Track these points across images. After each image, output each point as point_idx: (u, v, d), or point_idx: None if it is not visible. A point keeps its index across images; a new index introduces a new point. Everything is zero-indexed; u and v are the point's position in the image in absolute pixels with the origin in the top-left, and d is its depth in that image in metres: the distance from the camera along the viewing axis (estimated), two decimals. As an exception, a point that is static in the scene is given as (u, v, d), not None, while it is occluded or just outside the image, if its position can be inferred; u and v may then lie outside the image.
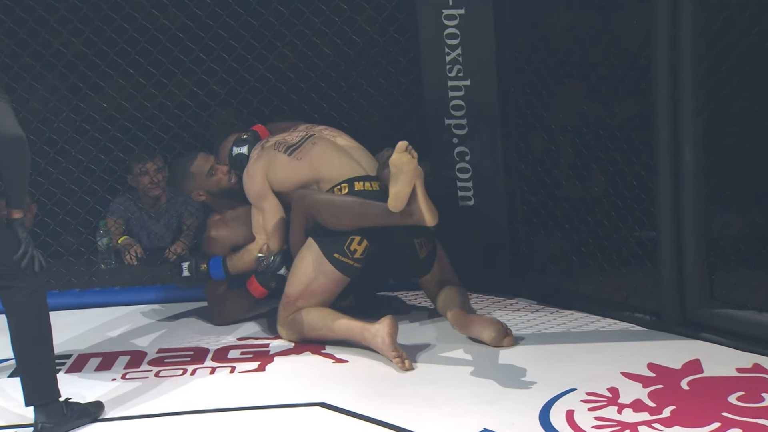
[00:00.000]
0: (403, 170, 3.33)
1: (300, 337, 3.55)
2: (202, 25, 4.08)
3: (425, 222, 3.40)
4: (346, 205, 3.51)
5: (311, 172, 3.63)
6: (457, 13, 3.75)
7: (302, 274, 3.53)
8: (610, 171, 3.71)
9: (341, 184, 3.60)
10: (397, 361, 3.33)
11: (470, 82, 3.80)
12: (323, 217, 3.52)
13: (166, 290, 4.06)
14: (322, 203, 3.53)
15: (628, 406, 2.96)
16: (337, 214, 3.50)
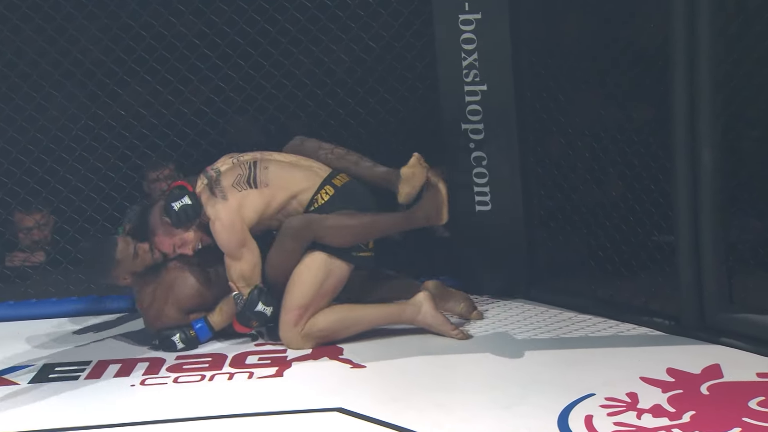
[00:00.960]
0: (415, 175, 3.48)
1: (322, 342, 3.54)
2: (219, 31, 4.10)
3: (441, 221, 3.49)
4: (355, 226, 3.50)
5: (283, 191, 3.57)
6: (474, 18, 3.75)
7: (310, 281, 3.50)
8: (628, 175, 3.70)
9: (324, 188, 3.58)
10: (457, 333, 3.50)
11: (487, 87, 3.80)
12: (333, 241, 3.50)
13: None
14: (332, 229, 3.49)
15: (648, 411, 2.94)
16: (348, 235, 3.50)
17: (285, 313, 3.52)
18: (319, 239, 3.51)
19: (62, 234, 4.21)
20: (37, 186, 4.17)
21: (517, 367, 3.32)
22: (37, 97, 4.13)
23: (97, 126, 4.22)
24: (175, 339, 3.61)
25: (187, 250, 3.61)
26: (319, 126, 4.22)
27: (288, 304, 3.52)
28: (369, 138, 4.23)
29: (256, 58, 4.14)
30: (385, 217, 3.52)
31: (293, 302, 3.51)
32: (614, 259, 3.75)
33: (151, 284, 3.67)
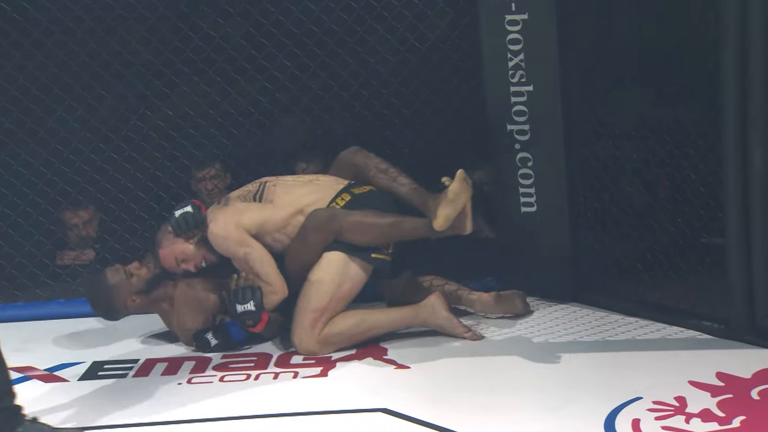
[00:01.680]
0: (459, 197, 3.40)
1: (341, 347, 3.52)
2: (266, 32, 4.12)
3: (465, 231, 3.45)
4: (380, 224, 3.49)
5: (288, 207, 3.57)
6: (520, 19, 3.73)
7: (327, 284, 3.47)
8: (676, 176, 3.66)
9: (341, 195, 3.57)
10: (470, 334, 3.51)
11: (533, 88, 3.77)
12: (355, 237, 3.48)
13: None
14: (356, 224, 3.48)
15: (696, 415, 2.91)
16: (371, 233, 3.48)
17: (301, 316, 3.49)
18: (341, 234, 3.48)
19: (111, 233, 4.27)
20: (88, 185, 4.23)
21: (562, 369, 3.30)
22: (88, 97, 4.19)
23: (146, 126, 4.27)
24: (208, 336, 3.61)
25: (189, 266, 3.62)
26: (363, 127, 4.23)
27: (304, 307, 3.48)
28: (414, 139, 4.23)
29: (302, 59, 4.15)
30: (410, 220, 3.50)
31: (309, 305, 3.47)
32: (662, 261, 3.70)
33: (164, 302, 3.68)
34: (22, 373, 3.52)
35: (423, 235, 3.49)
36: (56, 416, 3.17)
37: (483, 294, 3.76)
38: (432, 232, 3.45)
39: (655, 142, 3.68)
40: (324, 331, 3.49)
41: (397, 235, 3.52)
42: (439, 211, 3.40)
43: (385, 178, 3.62)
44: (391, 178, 3.62)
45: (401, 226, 3.50)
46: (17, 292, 4.16)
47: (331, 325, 3.49)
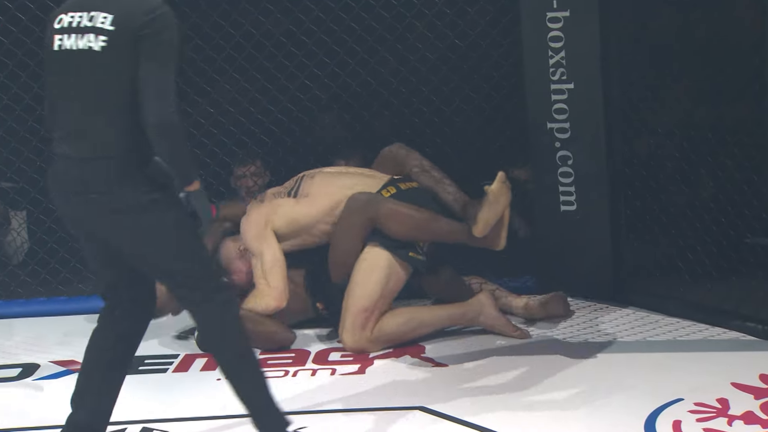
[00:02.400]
0: (499, 200, 3.37)
1: (389, 345, 3.52)
2: (306, 30, 4.13)
3: (498, 246, 3.44)
4: (417, 218, 3.47)
5: (326, 198, 3.56)
6: (562, 16, 3.71)
7: (375, 282, 3.47)
8: (720, 175, 3.61)
9: (387, 187, 3.56)
10: (518, 333, 3.51)
11: (574, 85, 3.75)
12: (391, 226, 3.47)
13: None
14: (394, 212, 3.46)
15: (739, 417, 2.87)
16: (407, 224, 3.47)
17: (352, 316, 3.48)
18: (378, 220, 3.47)
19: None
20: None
21: (602, 370, 3.27)
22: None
23: (187, 123, 4.29)
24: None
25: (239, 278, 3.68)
26: (403, 124, 4.23)
27: (354, 306, 3.48)
28: (453, 136, 4.21)
29: (342, 56, 4.16)
30: (447, 221, 3.49)
31: (359, 304, 3.47)
32: (704, 261, 3.66)
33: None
34: (65, 366, 3.56)
35: (458, 238, 3.48)
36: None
37: (525, 299, 3.73)
38: (468, 237, 3.44)
39: (698, 140, 3.64)
40: (375, 331, 3.49)
41: (432, 232, 3.51)
42: (480, 216, 3.39)
43: (427, 177, 3.61)
44: (434, 179, 3.61)
45: (438, 224, 3.49)
46: (60, 287, 4.22)
47: (381, 324, 3.50)
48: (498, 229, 3.42)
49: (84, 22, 2.56)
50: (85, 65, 2.55)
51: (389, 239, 3.50)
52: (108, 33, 2.54)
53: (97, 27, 2.54)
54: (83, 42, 2.55)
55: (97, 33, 2.54)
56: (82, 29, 2.56)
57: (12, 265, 4.35)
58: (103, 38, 2.54)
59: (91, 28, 2.55)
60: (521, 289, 3.88)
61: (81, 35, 2.55)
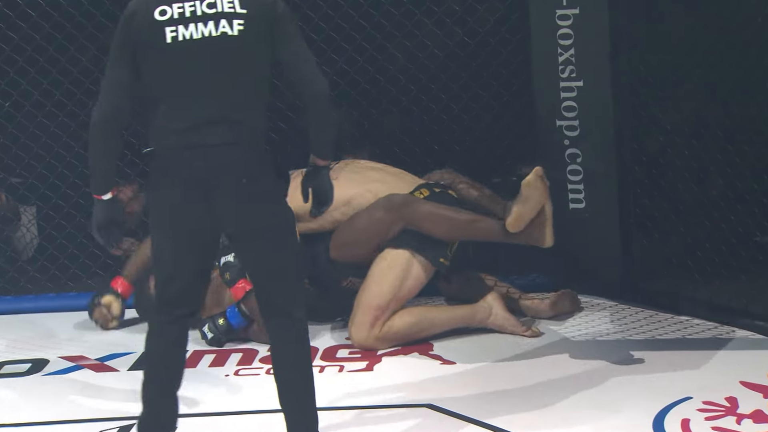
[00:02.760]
0: (534, 195, 3.29)
1: (396, 344, 3.51)
2: (315, 27, 4.13)
3: (544, 243, 3.35)
4: (454, 219, 3.44)
5: (353, 184, 3.53)
6: (571, 13, 3.70)
7: (391, 282, 3.45)
8: (729, 173, 3.60)
9: (420, 189, 3.55)
10: (530, 332, 3.49)
11: (583, 83, 3.74)
12: (427, 226, 3.43)
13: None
14: (431, 213, 3.43)
15: (748, 416, 2.86)
16: (444, 226, 3.43)
17: (362, 313, 3.47)
18: (413, 221, 3.43)
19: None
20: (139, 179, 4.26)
21: (610, 368, 3.26)
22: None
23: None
24: (204, 330, 3.60)
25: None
26: (411, 121, 4.22)
27: (366, 303, 3.46)
28: (462, 134, 4.20)
29: (351, 54, 4.15)
30: (486, 221, 3.43)
31: (372, 301, 3.46)
32: (714, 259, 3.65)
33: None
34: (74, 362, 3.57)
35: (496, 238, 3.40)
36: (106, 406, 3.21)
37: (537, 301, 3.72)
38: (506, 235, 3.36)
39: (708, 138, 3.63)
40: (383, 330, 3.48)
41: (469, 233, 3.45)
42: (514, 209, 3.31)
43: (472, 189, 3.63)
44: (477, 189, 3.65)
45: (475, 224, 3.43)
46: (70, 283, 4.22)
47: (391, 323, 3.48)
48: (541, 225, 3.32)
49: (202, 8, 2.48)
50: (219, 52, 2.48)
51: (419, 241, 3.46)
52: (243, 16, 2.48)
53: (227, 12, 2.47)
54: (213, 29, 2.47)
55: (229, 17, 2.47)
56: (206, 16, 2.48)
57: (21, 261, 4.35)
58: (239, 21, 2.48)
59: (218, 14, 2.48)
60: (530, 286, 3.88)
61: (205, 23, 2.47)
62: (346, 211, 3.55)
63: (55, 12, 4.04)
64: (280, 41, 2.51)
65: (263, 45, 2.50)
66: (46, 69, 4.12)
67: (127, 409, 3.13)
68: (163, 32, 2.49)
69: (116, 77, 2.53)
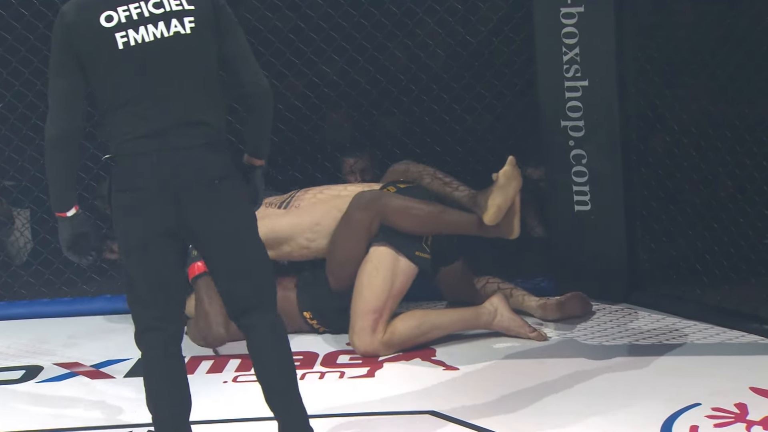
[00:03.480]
0: (510, 183, 3.30)
1: (401, 349, 3.46)
2: (315, 26, 4.08)
3: (512, 235, 3.36)
4: (425, 210, 3.42)
5: (321, 204, 3.54)
6: (576, 12, 3.66)
7: (381, 282, 3.41)
8: (738, 175, 3.55)
9: (386, 187, 3.52)
10: (535, 334, 3.46)
11: (588, 83, 3.70)
12: (399, 220, 3.40)
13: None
14: (401, 207, 3.41)
15: (758, 423, 2.81)
16: (416, 218, 3.41)
17: (360, 319, 3.42)
18: (385, 216, 3.41)
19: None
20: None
21: (617, 374, 3.22)
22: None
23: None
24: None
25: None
26: (413, 122, 4.18)
27: (362, 308, 3.42)
28: (465, 135, 4.16)
29: (351, 53, 4.11)
30: (458, 213, 3.43)
31: (368, 305, 3.41)
32: (722, 263, 3.61)
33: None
34: (69, 369, 3.54)
35: (468, 229, 3.42)
36: (102, 413, 3.17)
37: (544, 300, 3.68)
38: (479, 227, 3.38)
39: (716, 138, 3.59)
40: (387, 335, 3.43)
41: (441, 224, 3.44)
42: (490, 201, 3.32)
43: (439, 183, 3.57)
44: (443, 182, 3.57)
45: (447, 215, 3.43)
46: (64, 288, 4.18)
47: (394, 327, 3.44)
48: (510, 216, 3.35)
49: (149, 9, 2.43)
50: (175, 53, 2.44)
51: (394, 237, 3.43)
52: (192, 13, 2.44)
53: (175, 10, 2.43)
54: (164, 30, 2.43)
55: (179, 16, 2.43)
56: (154, 17, 2.43)
57: (15, 266, 4.31)
58: (189, 19, 2.44)
59: (167, 13, 2.43)
60: (535, 290, 3.84)
61: (155, 24, 2.43)
62: (315, 232, 3.54)
63: (49, 11, 3.98)
64: (225, 36, 2.49)
65: (213, 41, 2.48)
66: (40, 70, 4.05)
67: (123, 417, 3.11)
68: (114, 39, 2.43)
69: (63, 88, 2.47)
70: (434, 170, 3.62)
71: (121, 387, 3.37)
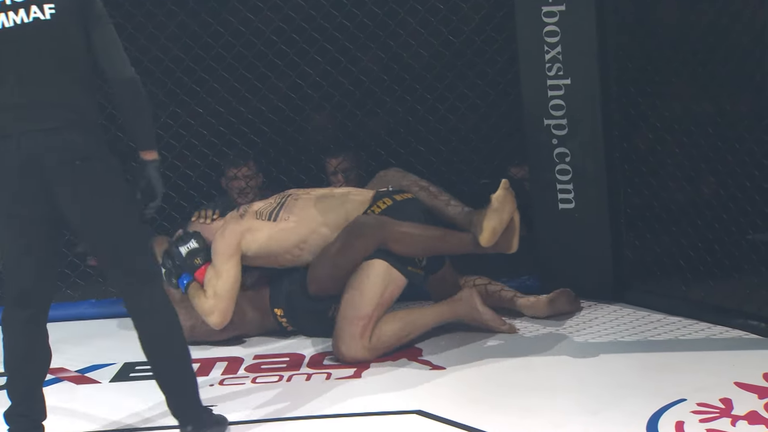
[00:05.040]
0: (505, 208, 3.34)
1: (385, 352, 3.46)
2: (297, 27, 4.08)
3: (510, 250, 3.41)
4: (426, 237, 3.43)
5: (311, 221, 3.53)
6: (558, 10, 3.66)
7: (371, 289, 3.41)
8: (721, 171, 3.56)
9: (383, 198, 3.53)
10: (506, 327, 3.52)
11: (571, 81, 3.70)
12: (400, 248, 3.42)
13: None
14: (404, 234, 3.42)
15: (743, 418, 2.82)
16: (417, 245, 3.43)
17: (348, 325, 3.41)
18: (387, 243, 3.43)
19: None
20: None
21: (603, 370, 3.22)
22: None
23: (176, 124, 4.23)
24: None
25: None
26: (397, 123, 4.17)
27: (351, 315, 3.41)
28: (448, 135, 4.16)
29: (334, 54, 4.10)
30: (456, 235, 3.46)
31: (357, 312, 3.41)
32: (706, 259, 3.61)
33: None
34: (54, 374, 3.49)
35: (467, 250, 3.45)
36: (88, 418, 3.15)
37: (534, 298, 3.69)
38: (477, 248, 3.41)
39: (698, 135, 3.60)
40: (373, 340, 3.43)
41: (441, 249, 3.49)
42: (485, 224, 3.35)
43: (426, 194, 3.59)
44: (432, 194, 3.59)
45: (447, 240, 3.46)
46: (48, 293, 4.14)
47: (379, 332, 3.44)
48: (509, 234, 3.39)
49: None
50: (36, 37, 2.54)
51: (388, 255, 3.44)
52: (53, 0, 2.55)
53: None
54: (25, 16, 2.54)
55: (39, 3, 2.54)
56: (15, 5, 2.55)
57: (-1, 271, 4.28)
58: (49, 6, 2.55)
59: (27, 1, 2.54)
60: (520, 288, 3.84)
61: (16, 11, 2.54)
62: (302, 249, 3.54)
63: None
64: (90, 24, 2.58)
65: (78, 28, 2.58)
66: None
67: (109, 421, 3.09)
68: None
69: None
70: (426, 183, 3.64)
71: (107, 392, 3.35)
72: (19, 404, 2.79)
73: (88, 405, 3.25)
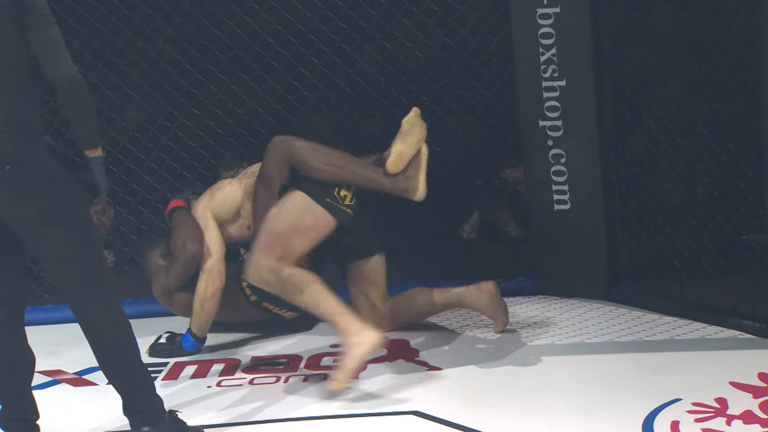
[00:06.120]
0: (414, 131, 3.29)
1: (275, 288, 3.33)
2: (293, 29, 4.09)
3: (417, 193, 3.31)
4: (335, 154, 3.37)
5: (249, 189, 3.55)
6: (552, 12, 3.67)
7: (288, 212, 3.33)
8: (715, 172, 3.57)
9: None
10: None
11: (566, 83, 3.71)
12: (307, 159, 3.35)
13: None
14: (310, 147, 3.37)
15: (738, 417, 2.83)
16: (324, 159, 3.35)
17: (258, 238, 3.34)
18: (293, 156, 3.37)
19: (139, 234, 4.24)
20: (115, 186, 4.20)
21: (599, 371, 3.23)
22: (115, 97, 4.17)
23: (173, 126, 4.24)
24: (161, 339, 3.64)
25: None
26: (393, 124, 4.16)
27: (262, 229, 3.35)
28: (444, 136, 4.17)
29: (330, 56, 4.11)
30: (363, 162, 3.39)
31: (267, 226, 3.33)
32: (701, 259, 3.62)
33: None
34: (51, 376, 3.51)
35: (374, 180, 3.34)
36: (85, 420, 3.15)
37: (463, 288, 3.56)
38: (385, 179, 3.31)
39: (692, 136, 3.61)
40: (278, 265, 3.30)
41: (349, 171, 3.35)
42: (393, 148, 3.29)
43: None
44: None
45: (354, 164, 3.37)
46: (46, 295, 4.15)
47: (286, 266, 3.30)
48: (415, 171, 3.30)
49: None
50: None
51: (306, 184, 3.37)
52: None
53: None
54: None
55: None
56: None
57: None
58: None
59: None
60: (517, 289, 3.86)
61: None
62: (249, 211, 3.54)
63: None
64: (28, 28, 2.56)
65: (14, 33, 2.55)
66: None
67: (107, 423, 3.08)
68: None
69: None
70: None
71: (104, 394, 3.33)
72: (9, 407, 2.79)
73: (86, 407, 3.25)
